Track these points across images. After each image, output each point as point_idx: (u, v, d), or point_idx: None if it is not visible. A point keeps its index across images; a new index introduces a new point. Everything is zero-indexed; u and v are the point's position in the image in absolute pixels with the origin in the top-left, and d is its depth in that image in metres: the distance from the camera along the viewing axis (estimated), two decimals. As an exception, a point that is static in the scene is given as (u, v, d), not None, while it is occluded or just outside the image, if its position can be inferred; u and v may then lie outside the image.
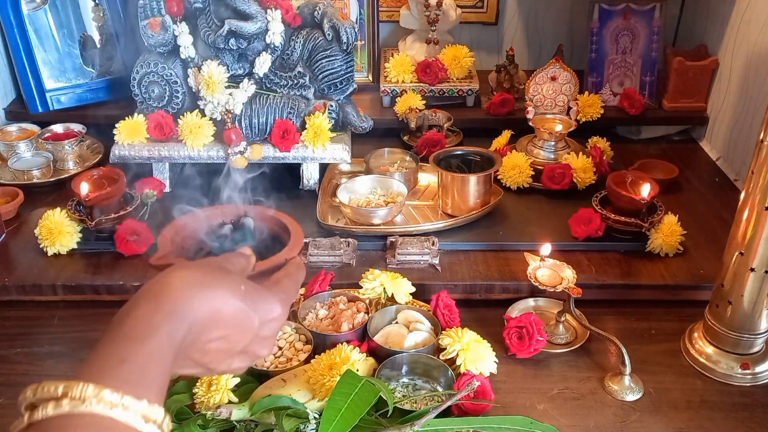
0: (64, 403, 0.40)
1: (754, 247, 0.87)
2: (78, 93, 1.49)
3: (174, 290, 0.49)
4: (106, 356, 0.45)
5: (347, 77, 1.26)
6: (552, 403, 0.90)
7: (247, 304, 0.52)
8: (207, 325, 0.50)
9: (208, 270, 0.53)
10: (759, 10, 1.31)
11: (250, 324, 0.53)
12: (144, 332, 0.46)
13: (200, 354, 0.51)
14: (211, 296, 0.50)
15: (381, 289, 0.99)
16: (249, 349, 0.54)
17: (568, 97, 1.36)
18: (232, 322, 0.51)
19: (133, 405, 0.42)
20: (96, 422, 0.40)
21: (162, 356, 0.46)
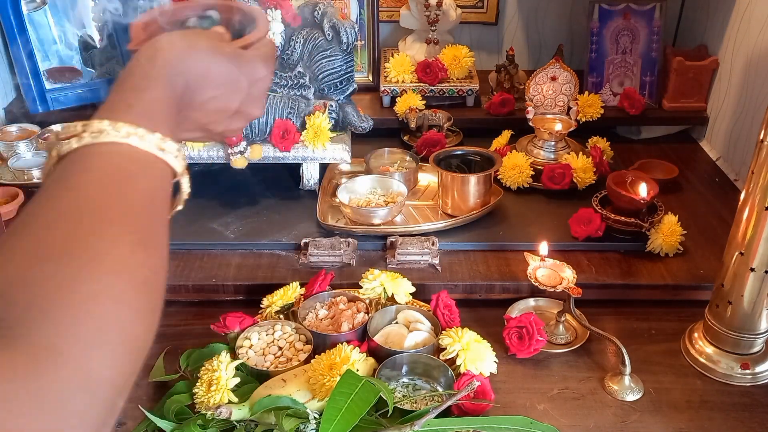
0: (84, 135, 0.43)
1: (754, 247, 0.87)
2: (78, 93, 1.49)
3: (165, 51, 0.51)
4: (114, 104, 0.47)
5: (347, 77, 1.26)
6: (552, 403, 0.90)
7: (233, 65, 0.55)
8: (200, 84, 0.53)
9: (193, 35, 0.57)
10: (759, 10, 1.31)
11: (238, 83, 0.56)
12: (144, 83, 0.49)
13: (199, 113, 0.54)
14: (200, 56, 0.53)
15: (381, 289, 0.99)
16: (243, 109, 0.57)
17: (568, 97, 1.36)
18: (223, 80, 0.55)
19: (148, 136, 0.45)
20: (116, 149, 0.44)
21: (165, 103, 0.49)
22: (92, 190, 0.41)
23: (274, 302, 0.99)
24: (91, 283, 0.37)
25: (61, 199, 0.40)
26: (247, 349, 0.92)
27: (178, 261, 1.10)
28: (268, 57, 0.60)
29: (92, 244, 0.38)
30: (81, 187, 0.41)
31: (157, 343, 0.98)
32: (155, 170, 0.46)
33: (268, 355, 0.92)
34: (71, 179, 0.42)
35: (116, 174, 0.43)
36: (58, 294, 0.35)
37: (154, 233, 0.43)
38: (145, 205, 0.43)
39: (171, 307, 1.07)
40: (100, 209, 0.40)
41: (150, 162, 0.45)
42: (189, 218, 1.21)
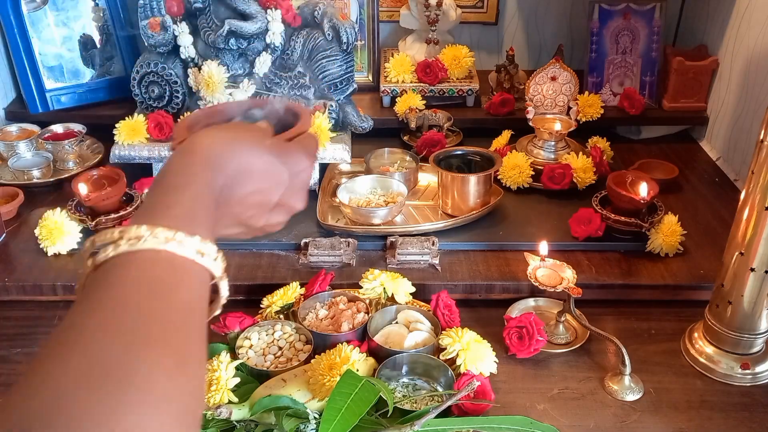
0: (122, 243, 0.42)
1: (754, 247, 0.87)
2: (78, 93, 1.49)
3: (206, 146, 0.51)
4: (152, 206, 0.47)
5: (347, 77, 1.26)
6: (552, 403, 0.90)
7: (276, 157, 0.54)
8: (241, 179, 0.52)
9: (234, 128, 0.56)
10: (759, 10, 1.31)
11: (281, 176, 0.55)
12: (184, 181, 0.48)
13: (239, 208, 0.53)
14: (240, 150, 0.52)
15: (381, 289, 0.99)
16: (284, 202, 0.56)
17: (568, 97, 1.36)
18: (264, 174, 0.54)
19: (187, 240, 0.44)
20: (154, 257, 0.42)
21: (205, 201, 0.48)
22: (130, 306, 0.40)
23: (274, 302, 0.99)
24: (129, 416, 0.35)
25: (98, 316, 0.39)
26: (247, 349, 0.92)
27: (178, 261, 1.10)
28: (311, 148, 0.59)
29: (131, 370, 0.36)
30: (118, 302, 0.40)
31: (157, 343, 0.99)
32: (194, 278, 0.45)
33: (268, 355, 0.92)
34: (107, 292, 0.40)
35: (154, 287, 0.41)
36: (96, 428, 0.34)
37: (194, 351, 0.41)
38: (185, 319, 0.42)
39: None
40: (137, 329, 0.38)
41: (189, 269, 0.44)
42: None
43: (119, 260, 0.42)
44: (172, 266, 0.43)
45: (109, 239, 0.43)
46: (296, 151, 0.57)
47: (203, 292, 0.46)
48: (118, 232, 0.43)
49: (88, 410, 0.34)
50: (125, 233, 0.43)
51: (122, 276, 0.41)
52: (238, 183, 0.52)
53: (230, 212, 0.53)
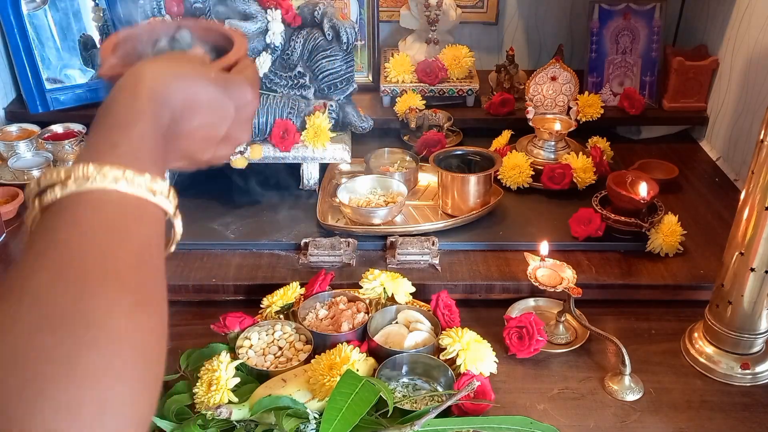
0: (69, 183, 0.41)
1: (754, 247, 0.87)
2: (78, 93, 1.49)
3: (149, 80, 0.48)
4: (97, 144, 0.45)
5: (347, 77, 1.26)
6: (552, 403, 0.90)
7: (220, 90, 0.53)
8: (187, 113, 0.50)
9: (177, 60, 0.53)
10: (759, 10, 1.31)
11: (226, 109, 0.53)
12: (129, 119, 0.46)
13: (186, 142, 0.52)
14: (185, 84, 0.50)
15: (381, 289, 0.99)
16: (230, 134, 0.55)
17: (568, 97, 1.36)
18: (210, 107, 0.52)
19: (137, 179, 0.42)
20: (104, 197, 0.41)
21: (152, 138, 0.46)
22: (83, 247, 0.38)
23: (274, 302, 0.99)
24: (89, 356, 0.34)
25: (51, 258, 0.38)
26: (247, 349, 0.92)
27: (178, 261, 1.10)
28: (254, 79, 0.58)
29: (88, 311, 0.36)
30: (70, 244, 0.38)
31: (157, 343, 0.99)
32: (148, 216, 0.43)
33: (268, 355, 0.92)
34: (59, 234, 0.39)
35: (107, 227, 0.40)
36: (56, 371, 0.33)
37: (152, 289, 0.41)
38: (141, 258, 0.41)
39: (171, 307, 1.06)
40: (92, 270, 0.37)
41: (141, 208, 0.43)
42: (189, 218, 1.20)
43: (67, 201, 0.41)
44: (124, 206, 0.42)
45: (55, 179, 0.41)
46: (240, 83, 0.55)
47: (158, 229, 0.44)
48: (64, 171, 0.41)
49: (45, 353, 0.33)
50: (72, 172, 0.41)
51: (72, 218, 0.40)
52: (184, 117, 0.50)
53: (177, 147, 0.51)
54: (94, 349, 0.35)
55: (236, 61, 0.57)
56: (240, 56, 0.58)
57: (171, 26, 0.61)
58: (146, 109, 0.47)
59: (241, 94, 0.55)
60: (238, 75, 0.56)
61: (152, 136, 0.47)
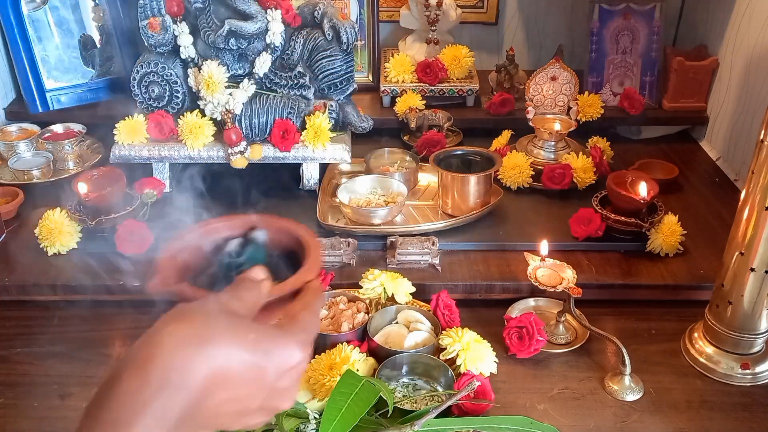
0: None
1: (754, 247, 0.87)
2: (78, 93, 1.49)
3: (165, 355, 0.40)
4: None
5: (347, 77, 1.26)
6: (552, 403, 0.90)
7: (259, 356, 0.44)
8: (211, 389, 0.42)
9: (209, 318, 0.44)
10: (759, 10, 1.31)
11: (264, 379, 0.44)
12: (130, 414, 0.39)
13: (209, 418, 0.43)
14: (212, 354, 0.42)
15: (381, 289, 0.99)
16: (267, 404, 0.46)
17: (568, 97, 1.36)
18: (242, 379, 0.43)
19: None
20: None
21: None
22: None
23: (274, 302, 0.98)
24: None
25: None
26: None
27: (178, 261, 1.10)
28: (310, 329, 0.48)
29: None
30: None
31: (157, 343, 0.99)
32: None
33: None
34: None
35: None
36: None
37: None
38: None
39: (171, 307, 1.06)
40: None
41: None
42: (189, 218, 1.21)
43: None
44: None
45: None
46: (289, 343, 0.46)
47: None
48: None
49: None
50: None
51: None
52: (207, 395, 0.42)
53: (196, 424, 0.43)
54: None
55: (302, 286, 0.49)
56: (307, 278, 0.50)
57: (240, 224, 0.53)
58: (153, 400, 0.39)
59: (286, 358, 0.45)
60: (290, 326, 0.47)
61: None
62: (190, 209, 0.72)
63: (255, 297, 0.48)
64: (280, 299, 0.49)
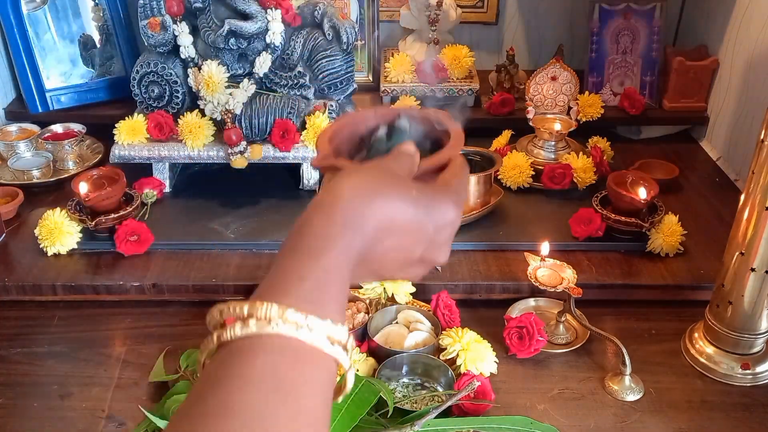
0: (251, 323, 0.40)
1: (754, 247, 0.87)
2: (78, 93, 1.49)
3: (346, 201, 0.46)
4: (284, 274, 0.43)
5: (347, 77, 1.26)
6: (552, 403, 0.90)
7: (420, 210, 0.48)
8: (380, 236, 0.47)
9: (378, 176, 0.49)
10: (759, 10, 1.31)
11: (424, 231, 0.49)
12: (320, 248, 0.44)
13: (378, 264, 0.49)
14: (383, 205, 0.47)
15: (381, 289, 0.99)
16: (426, 257, 0.51)
17: (569, 97, 1.36)
18: (406, 230, 0.48)
19: (318, 325, 0.41)
20: (284, 344, 0.40)
21: (340, 271, 0.44)
22: (254, 406, 0.37)
23: (274, 302, 0.98)
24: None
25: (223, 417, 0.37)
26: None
27: (178, 261, 1.10)
28: (460, 192, 0.53)
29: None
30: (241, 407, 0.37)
31: (157, 343, 0.99)
32: (322, 373, 0.41)
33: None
34: (230, 389, 0.38)
35: (280, 389, 0.39)
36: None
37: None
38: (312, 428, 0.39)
39: (171, 307, 1.07)
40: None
41: (317, 361, 0.41)
42: (189, 218, 1.21)
43: (247, 344, 0.40)
44: (299, 359, 0.40)
45: (237, 314, 0.41)
46: (444, 202, 0.50)
47: (329, 387, 0.42)
48: (248, 308, 0.40)
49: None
50: (254, 311, 0.40)
51: (246, 368, 0.39)
52: (377, 240, 0.47)
53: (365, 269, 0.48)
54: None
55: (448, 161, 0.53)
56: (453, 155, 0.54)
57: (388, 114, 0.58)
58: (339, 236, 0.44)
59: (443, 214, 0.50)
60: (444, 189, 0.52)
61: (341, 269, 0.44)
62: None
63: (410, 165, 0.52)
64: (428, 171, 0.53)
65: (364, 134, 0.57)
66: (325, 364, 0.41)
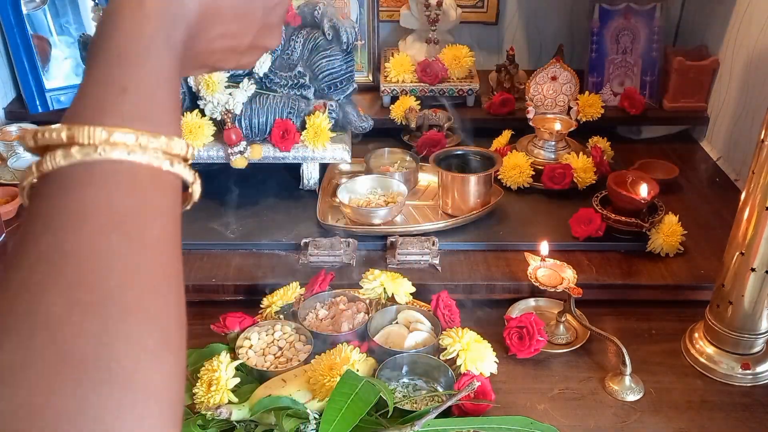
0: (73, 151, 0.34)
1: (754, 247, 0.87)
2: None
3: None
4: (103, 86, 0.36)
5: (347, 77, 1.26)
6: (552, 403, 0.90)
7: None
8: (206, 23, 0.42)
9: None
10: (759, 10, 1.31)
11: (254, 14, 0.45)
12: (138, 48, 0.37)
13: (205, 55, 0.44)
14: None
15: (381, 289, 0.99)
16: (257, 42, 0.47)
17: (569, 97, 1.36)
18: (232, 15, 0.44)
19: (151, 143, 0.35)
20: (116, 170, 0.34)
21: (167, 73, 0.38)
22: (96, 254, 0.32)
23: (274, 302, 0.98)
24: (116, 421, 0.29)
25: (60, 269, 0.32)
26: (247, 349, 0.92)
27: (178, 261, 1.10)
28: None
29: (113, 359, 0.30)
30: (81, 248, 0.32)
31: (156, 343, 0.99)
32: (165, 195, 0.36)
33: (268, 355, 0.92)
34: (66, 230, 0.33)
35: (118, 223, 0.33)
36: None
37: (173, 315, 0.34)
38: (160, 267, 0.34)
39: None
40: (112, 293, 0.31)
41: (157, 183, 0.36)
42: (189, 218, 1.20)
43: (72, 173, 0.34)
44: (136, 185, 0.35)
45: (56, 140, 0.34)
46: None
47: (175, 207, 0.37)
48: (67, 131, 0.34)
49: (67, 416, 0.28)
50: (76, 135, 0.34)
51: (76, 202, 0.33)
52: (203, 28, 0.42)
53: (195, 57, 0.44)
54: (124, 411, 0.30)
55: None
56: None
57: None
58: (158, 32, 0.38)
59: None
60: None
61: (167, 69, 0.38)
62: None
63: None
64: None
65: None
66: (166, 184, 0.37)
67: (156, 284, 0.34)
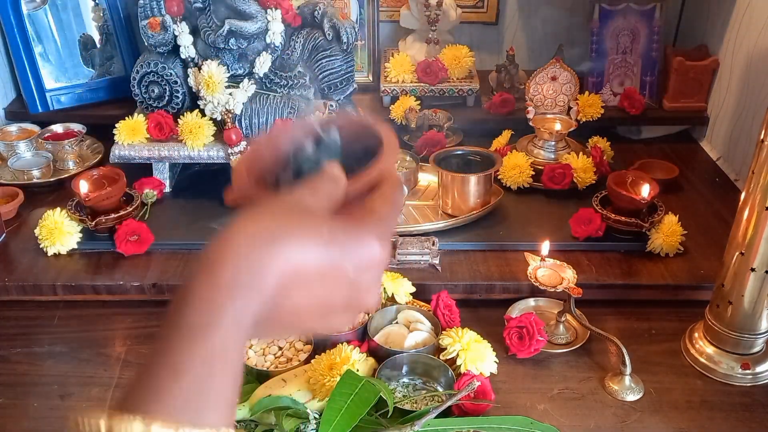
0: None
1: (754, 247, 0.87)
2: (78, 93, 1.49)
3: (233, 256, 0.38)
4: (159, 366, 0.37)
5: (347, 77, 1.26)
6: (552, 403, 0.90)
7: (335, 252, 0.40)
8: (286, 290, 0.39)
9: (280, 215, 0.41)
10: (759, 10, 1.31)
11: (343, 276, 0.41)
12: (202, 325, 0.37)
13: (290, 320, 0.41)
14: (285, 251, 0.39)
15: (381, 289, 0.99)
16: (351, 303, 0.43)
17: (569, 97, 1.36)
18: (318, 277, 0.40)
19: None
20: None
21: (228, 354, 0.37)
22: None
23: (274, 302, 0.98)
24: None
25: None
26: (247, 349, 0.92)
27: (178, 261, 1.10)
28: (389, 221, 0.44)
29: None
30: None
31: (157, 343, 0.99)
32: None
33: (268, 355, 0.92)
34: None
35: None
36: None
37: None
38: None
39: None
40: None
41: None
42: (189, 218, 1.21)
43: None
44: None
45: (95, 430, 0.35)
46: (366, 237, 0.42)
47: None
48: (105, 424, 0.35)
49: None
50: (114, 427, 0.35)
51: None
52: (284, 295, 0.39)
53: (275, 325, 0.41)
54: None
55: (379, 178, 0.45)
56: (384, 170, 0.45)
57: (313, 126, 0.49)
58: (226, 305, 0.37)
59: (364, 253, 0.42)
60: (367, 221, 0.43)
61: (230, 349, 0.37)
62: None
63: (330, 190, 0.44)
64: (358, 194, 0.45)
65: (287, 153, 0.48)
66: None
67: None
